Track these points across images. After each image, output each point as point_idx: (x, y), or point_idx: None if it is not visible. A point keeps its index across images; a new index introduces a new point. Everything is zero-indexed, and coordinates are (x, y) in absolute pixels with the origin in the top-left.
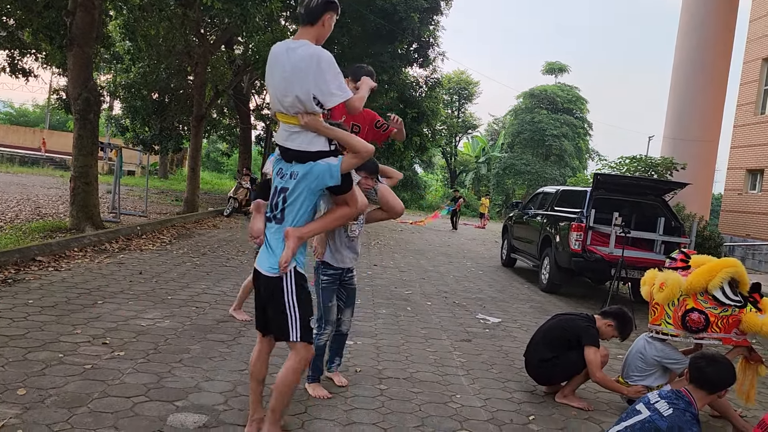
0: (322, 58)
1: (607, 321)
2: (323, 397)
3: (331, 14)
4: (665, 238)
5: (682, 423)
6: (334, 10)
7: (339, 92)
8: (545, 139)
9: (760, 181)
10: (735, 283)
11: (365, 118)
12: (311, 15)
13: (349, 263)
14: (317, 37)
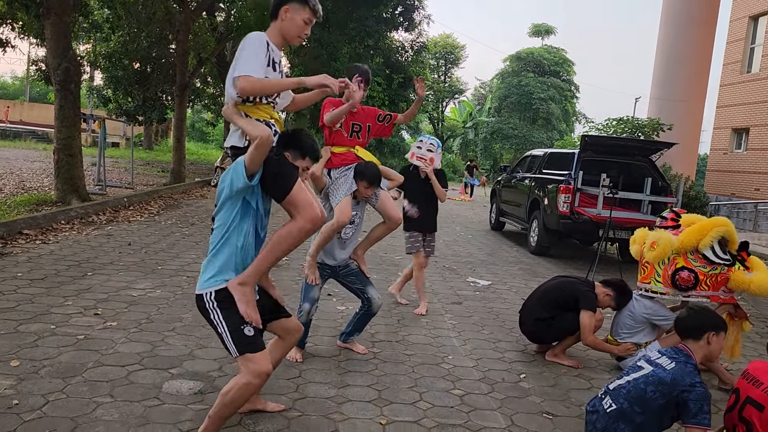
0: (245, 41)
1: (606, 290)
2: (294, 360)
3: (289, 7)
4: (652, 198)
5: (684, 374)
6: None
7: (236, 72)
8: (532, 102)
9: (746, 140)
10: (724, 242)
11: (365, 115)
12: (272, 9)
13: (344, 259)
14: (280, 32)
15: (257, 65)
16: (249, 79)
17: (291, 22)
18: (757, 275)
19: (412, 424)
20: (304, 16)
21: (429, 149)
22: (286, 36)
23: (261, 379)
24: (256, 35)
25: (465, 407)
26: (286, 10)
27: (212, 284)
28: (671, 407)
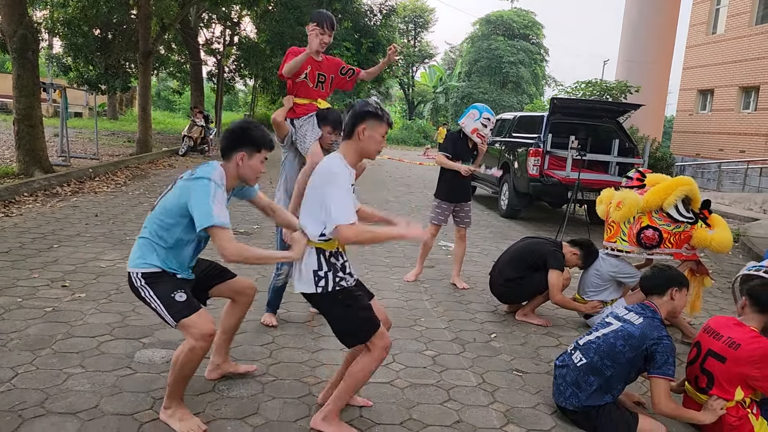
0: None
1: (573, 249)
2: (269, 325)
3: (366, 126)
4: (620, 160)
5: (652, 328)
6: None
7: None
8: (502, 66)
9: (710, 102)
10: (687, 200)
11: (330, 66)
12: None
13: None
14: (358, 152)
15: (351, 207)
16: (354, 230)
17: (370, 140)
18: (718, 232)
19: (386, 384)
20: (381, 131)
21: (491, 128)
22: (364, 154)
23: (206, 341)
24: (338, 166)
25: (437, 367)
26: (364, 129)
27: (141, 266)
28: (639, 360)
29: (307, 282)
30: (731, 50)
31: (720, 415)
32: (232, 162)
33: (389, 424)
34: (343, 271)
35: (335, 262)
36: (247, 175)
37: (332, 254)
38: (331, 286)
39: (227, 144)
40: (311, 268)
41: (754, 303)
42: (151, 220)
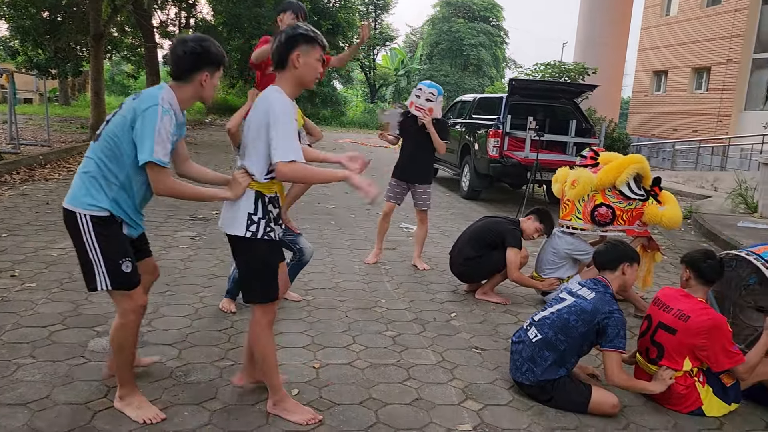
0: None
1: (529, 218)
2: (228, 311)
3: (299, 52)
4: (577, 140)
5: (603, 302)
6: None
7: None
8: (463, 48)
9: (665, 82)
10: (639, 178)
11: None
12: (277, 59)
13: None
14: (296, 81)
15: (297, 145)
16: (294, 167)
17: (306, 67)
18: (668, 209)
19: (346, 365)
20: (316, 55)
21: (428, 99)
22: (303, 83)
23: (137, 315)
24: (279, 101)
25: (397, 347)
26: (298, 56)
27: (90, 208)
28: (592, 334)
29: (238, 224)
30: (684, 32)
31: (669, 384)
32: (193, 83)
33: (349, 404)
34: (275, 221)
35: (271, 210)
36: (208, 95)
37: (270, 200)
38: (260, 234)
39: (188, 65)
40: (246, 210)
41: (697, 275)
42: (97, 150)
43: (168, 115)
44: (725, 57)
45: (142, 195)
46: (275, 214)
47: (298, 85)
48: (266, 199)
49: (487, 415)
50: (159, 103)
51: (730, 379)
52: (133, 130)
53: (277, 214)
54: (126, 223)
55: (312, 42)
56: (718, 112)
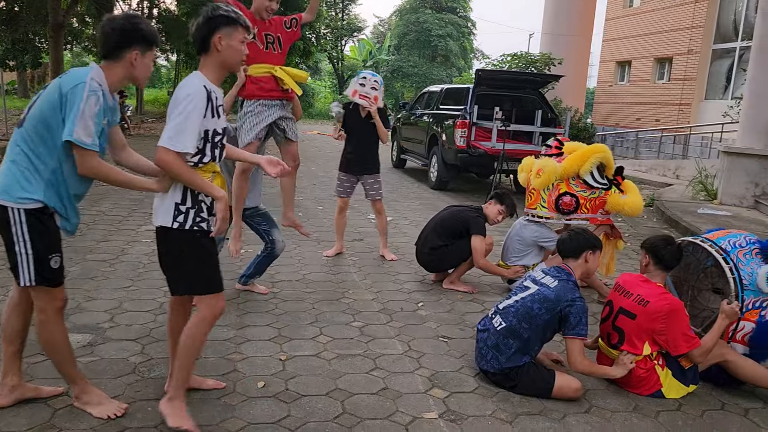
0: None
1: (490, 203)
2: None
3: (221, 34)
4: (543, 130)
5: (566, 290)
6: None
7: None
8: (431, 39)
9: (628, 73)
10: (602, 167)
11: (276, 25)
12: (200, 43)
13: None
14: (220, 65)
15: (190, 137)
16: (169, 161)
17: (230, 50)
18: (630, 197)
19: (312, 357)
20: (239, 37)
21: (373, 87)
22: (227, 67)
23: (58, 311)
24: (186, 87)
25: (364, 338)
26: (220, 39)
27: (23, 201)
28: (555, 321)
29: (165, 214)
30: (646, 23)
31: (630, 368)
32: (123, 61)
33: (315, 395)
34: (208, 212)
35: (202, 199)
36: (141, 75)
37: None
38: (189, 224)
39: (116, 42)
40: (174, 199)
41: (657, 261)
42: (23, 134)
43: (95, 96)
44: (686, 47)
45: (75, 182)
46: (208, 203)
47: (222, 68)
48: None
49: (453, 403)
50: (86, 82)
51: (687, 362)
52: (61, 110)
53: (210, 204)
54: (59, 215)
55: (233, 23)
56: (680, 101)
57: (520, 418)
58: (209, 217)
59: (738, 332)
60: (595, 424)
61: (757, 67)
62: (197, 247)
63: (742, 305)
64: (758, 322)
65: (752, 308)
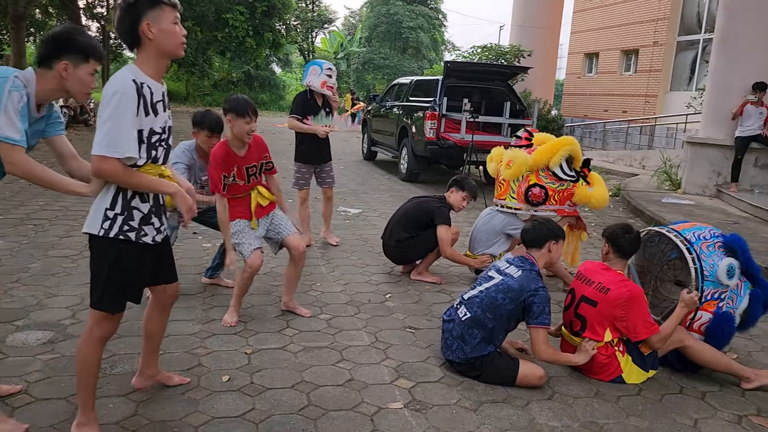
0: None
1: (451, 191)
2: None
3: (149, 21)
4: (511, 121)
5: (529, 280)
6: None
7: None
8: (402, 31)
9: (596, 64)
10: (571, 159)
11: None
12: (129, 36)
13: None
14: (156, 54)
15: (127, 138)
16: (108, 169)
17: (164, 34)
18: (596, 190)
19: (278, 350)
20: (170, 17)
21: (335, 77)
22: (168, 53)
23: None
24: (123, 81)
25: (331, 330)
26: (148, 25)
27: None
28: (518, 311)
29: (92, 220)
30: (613, 15)
31: (592, 355)
32: (53, 72)
33: (281, 387)
34: (143, 221)
35: (136, 206)
36: (74, 89)
37: (136, 195)
38: (114, 231)
39: (45, 51)
40: (103, 205)
41: (616, 249)
42: None
43: (17, 92)
44: (652, 39)
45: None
46: (146, 211)
47: (161, 57)
48: (129, 194)
49: (419, 392)
50: (10, 77)
51: (647, 348)
52: None
53: (149, 213)
54: None
55: (156, 4)
56: (646, 92)
57: (484, 406)
58: (144, 226)
59: (695, 322)
60: (557, 410)
61: (719, 59)
62: (115, 259)
63: (701, 295)
64: (715, 313)
65: (711, 299)
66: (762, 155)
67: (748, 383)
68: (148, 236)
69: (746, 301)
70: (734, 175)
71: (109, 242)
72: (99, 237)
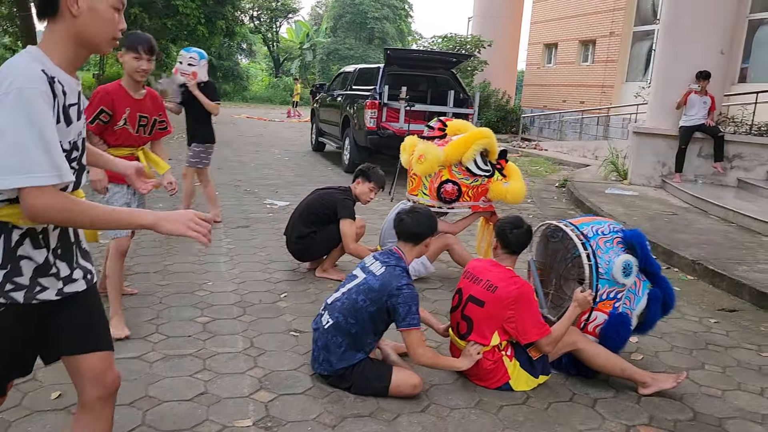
0: None
1: (357, 182)
2: None
3: None
4: (455, 110)
5: (392, 278)
6: None
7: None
8: (367, 21)
9: (555, 55)
10: (486, 153)
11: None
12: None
13: None
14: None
15: (59, 152)
16: (43, 205)
17: (92, 15)
18: (512, 185)
19: (134, 360)
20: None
21: (190, 63)
22: (88, 43)
23: None
24: (26, 74)
25: (204, 335)
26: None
27: None
28: (383, 313)
29: None
30: (571, 5)
31: (476, 360)
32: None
33: (117, 405)
34: (40, 273)
35: (27, 254)
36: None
37: (27, 236)
38: None
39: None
40: None
41: (504, 244)
42: None
43: None
44: (608, 30)
45: None
46: (40, 260)
47: (80, 45)
48: (14, 235)
49: (276, 407)
50: None
51: (536, 352)
52: None
53: (47, 259)
54: None
55: None
56: (603, 83)
57: (346, 421)
58: (40, 278)
59: (590, 323)
60: (427, 424)
61: (664, 48)
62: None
63: (596, 294)
64: (611, 314)
65: (606, 299)
66: (706, 145)
67: (645, 388)
68: (49, 290)
69: (644, 302)
70: (678, 165)
71: None
72: None
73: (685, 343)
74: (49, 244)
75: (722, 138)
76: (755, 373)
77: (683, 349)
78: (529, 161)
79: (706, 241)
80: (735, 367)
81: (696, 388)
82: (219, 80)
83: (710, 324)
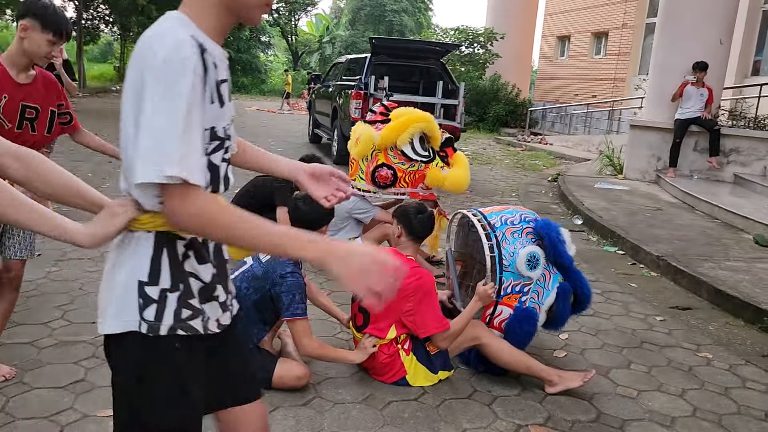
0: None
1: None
2: None
3: None
4: (444, 101)
5: (276, 265)
6: None
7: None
8: (385, 14)
9: (568, 48)
10: (426, 138)
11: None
12: None
13: None
14: None
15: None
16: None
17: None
18: (452, 172)
19: None
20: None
21: None
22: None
23: None
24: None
25: None
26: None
27: None
28: (267, 302)
29: (119, 305)
30: None
31: (371, 353)
32: None
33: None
34: (204, 294)
35: (194, 270)
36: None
37: (192, 247)
38: (168, 324)
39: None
40: (136, 276)
41: (409, 231)
42: None
43: None
44: (621, 22)
45: None
46: (208, 279)
47: (229, 12)
48: (179, 248)
49: None
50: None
51: (434, 347)
52: None
53: (214, 276)
54: None
55: None
56: (614, 76)
57: None
58: (207, 303)
59: (495, 317)
60: (302, 418)
61: (662, 38)
62: (165, 377)
63: (500, 288)
64: (516, 308)
65: (512, 292)
66: (702, 139)
67: (551, 387)
68: (211, 321)
69: (553, 296)
70: (672, 159)
71: (159, 347)
72: (141, 337)
73: (619, 341)
74: (210, 261)
75: (718, 132)
76: (682, 374)
77: (614, 347)
78: (530, 155)
79: (680, 237)
80: (664, 366)
81: (612, 387)
82: (237, 74)
83: (654, 322)
